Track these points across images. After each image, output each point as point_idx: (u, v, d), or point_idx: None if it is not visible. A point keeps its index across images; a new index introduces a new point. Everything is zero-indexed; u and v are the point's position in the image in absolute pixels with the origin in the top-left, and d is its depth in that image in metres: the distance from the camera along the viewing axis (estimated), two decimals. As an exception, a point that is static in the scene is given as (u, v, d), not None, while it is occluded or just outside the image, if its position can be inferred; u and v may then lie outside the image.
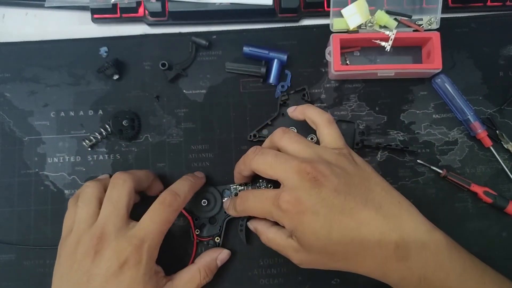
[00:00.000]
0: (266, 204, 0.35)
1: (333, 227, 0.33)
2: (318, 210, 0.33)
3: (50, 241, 0.45)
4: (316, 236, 0.33)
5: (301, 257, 0.35)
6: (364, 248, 0.33)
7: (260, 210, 0.36)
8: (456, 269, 0.33)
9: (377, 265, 0.33)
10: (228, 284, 0.44)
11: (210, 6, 0.46)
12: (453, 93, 0.45)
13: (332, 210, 0.33)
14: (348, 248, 0.33)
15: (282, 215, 0.34)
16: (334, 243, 0.33)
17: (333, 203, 0.33)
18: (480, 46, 0.47)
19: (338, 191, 0.33)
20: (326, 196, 0.33)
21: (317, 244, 0.33)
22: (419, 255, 0.32)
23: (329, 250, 0.33)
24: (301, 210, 0.33)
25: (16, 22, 0.50)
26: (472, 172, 0.45)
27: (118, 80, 0.47)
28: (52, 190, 0.46)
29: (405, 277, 0.33)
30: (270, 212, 0.35)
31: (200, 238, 0.44)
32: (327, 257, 0.34)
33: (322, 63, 0.47)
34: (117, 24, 0.49)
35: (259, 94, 0.47)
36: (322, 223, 0.33)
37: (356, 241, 0.33)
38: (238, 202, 0.39)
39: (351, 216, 0.33)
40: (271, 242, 0.37)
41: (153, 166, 0.46)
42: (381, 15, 0.44)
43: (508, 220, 0.44)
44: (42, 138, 0.46)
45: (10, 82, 0.47)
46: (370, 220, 0.33)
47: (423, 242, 0.33)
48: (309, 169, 0.34)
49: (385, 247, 0.32)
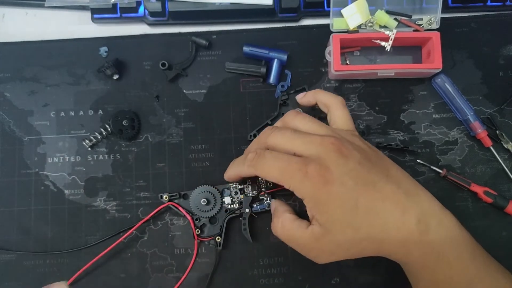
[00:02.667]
0: (289, 167, 0.33)
1: (360, 200, 0.32)
2: (345, 181, 0.32)
3: (50, 241, 0.45)
4: (344, 208, 0.32)
5: (320, 246, 0.34)
6: (389, 222, 0.33)
7: (279, 173, 0.34)
8: (467, 247, 0.34)
9: (400, 241, 0.33)
10: (228, 284, 0.44)
11: (210, 6, 0.46)
12: (453, 93, 0.45)
13: (358, 182, 0.33)
14: (373, 222, 0.33)
15: (306, 183, 0.33)
16: (360, 216, 0.32)
17: (359, 175, 0.33)
18: (480, 46, 0.47)
19: (362, 164, 0.33)
20: (353, 168, 0.33)
21: (344, 217, 0.33)
22: (437, 230, 0.33)
23: (356, 224, 0.33)
24: (329, 180, 0.32)
25: (16, 22, 0.50)
26: (472, 172, 0.45)
27: (118, 80, 0.47)
28: (52, 190, 0.46)
29: (425, 253, 0.33)
30: (291, 177, 0.33)
31: (201, 238, 0.44)
32: (352, 234, 0.33)
33: (322, 63, 0.47)
34: (117, 24, 0.49)
35: (259, 94, 0.47)
36: (350, 195, 0.32)
37: (381, 215, 0.32)
38: (253, 158, 0.36)
39: (376, 189, 0.33)
40: (285, 230, 0.36)
41: (153, 166, 0.46)
42: (381, 15, 0.44)
43: (508, 220, 0.44)
44: (42, 138, 0.46)
45: (10, 82, 0.47)
46: (393, 194, 0.33)
47: (440, 219, 0.34)
48: (333, 141, 0.34)
49: (408, 222, 0.33)
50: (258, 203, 0.44)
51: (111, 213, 0.45)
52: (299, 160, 0.34)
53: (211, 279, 0.44)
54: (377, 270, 0.44)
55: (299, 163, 0.33)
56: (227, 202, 0.44)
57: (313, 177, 0.32)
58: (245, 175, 0.38)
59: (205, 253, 0.45)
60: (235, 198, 0.44)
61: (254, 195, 0.44)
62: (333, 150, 0.33)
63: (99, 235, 0.45)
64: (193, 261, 0.43)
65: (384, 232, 0.33)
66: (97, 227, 0.45)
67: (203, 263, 0.44)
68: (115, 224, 0.45)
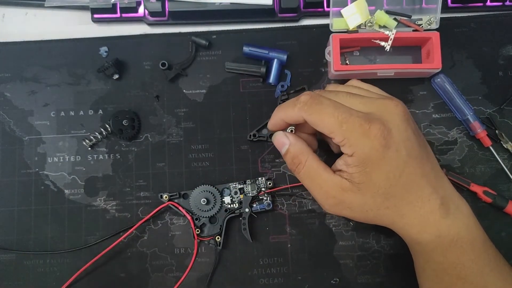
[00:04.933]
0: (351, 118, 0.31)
1: (405, 171, 0.32)
2: (400, 149, 0.32)
3: (50, 241, 0.45)
4: (387, 176, 0.32)
5: (343, 197, 0.33)
6: (417, 198, 0.33)
7: (338, 121, 0.31)
8: (480, 236, 0.35)
9: (421, 217, 0.33)
10: (228, 284, 0.44)
11: (210, 6, 0.46)
12: (452, 93, 0.45)
13: (410, 154, 0.32)
14: (406, 195, 0.33)
15: (364, 141, 0.31)
16: (399, 186, 0.32)
17: (412, 146, 0.33)
18: (480, 46, 0.47)
19: (416, 135, 0.34)
20: (410, 137, 0.33)
21: (384, 184, 0.32)
22: (455, 215, 0.34)
23: (390, 193, 0.32)
24: (388, 144, 0.31)
25: (16, 22, 0.50)
26: (472, 172, 0.45)
27: (118, 80, 0.47)
28: (52, 189, 0.46)
29: (440, 235, 0.33)
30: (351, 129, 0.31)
31: (201, 237, 0.44)
32: (381, 200, 0.33)
33: (322, 63, 0.47)
34: (117, 24, 0.49)
35: (259, 94, 0.47)
36: (400, 164, 0.32)
37: (414, 190, 0.33)
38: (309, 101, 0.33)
39: (420, 164, 0.33)
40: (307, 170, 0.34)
41: (153, 166, 0.46)
42: (381, 15, 0.44)
43: (508, 220, 0.44)
44: (42, 138, 0.46)
45: (10, 82, 0.47)
46: (429, 172, 0.33)
47: (458, 205, 0.34)
48: (398, 103, 0.34)
49: (434, 201, 0.33)
50: (258, 203, 0.44)
51: (111, 213, 0.45)
52: (363, 115, 0.32)
53: (211, 279, 0.44)
54: (377, 270, 0.44)
55: (362, 118, 0.31)
56: (227, 201, 0.44)
57: (375, 137, 0.31)
58: (293, 120, 0.35)
59: (205, 252, 0.45)
60: (235, 198, 0.44)
61: (254, 194, 0.44)
62: (397, 113, 0.33)
63: (99, 235, 0.45)
64: (193, 261, 0.43)
65: (409, 206, 0.33)
66: (97, 227, 0.45)
67: (203, 262, 0.44)
68: (115, 224, 0.45)
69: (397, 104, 0.33)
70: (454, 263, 0.34)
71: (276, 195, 0.45)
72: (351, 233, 0.45)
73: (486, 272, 0.34)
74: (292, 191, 0.45)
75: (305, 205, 0.45)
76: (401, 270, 0.44)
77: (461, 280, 0.33)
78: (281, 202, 0.45)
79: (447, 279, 0.34)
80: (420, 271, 0.37)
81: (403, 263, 0.43)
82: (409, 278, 0.41)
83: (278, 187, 0.45)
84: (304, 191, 0.45)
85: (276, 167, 0.46)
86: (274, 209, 0.45)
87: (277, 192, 0.45)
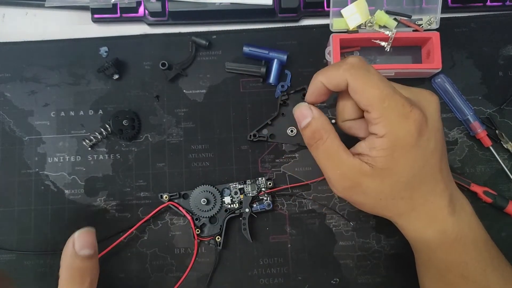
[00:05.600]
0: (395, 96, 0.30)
1: (429, 162, 0.32)
2: (431, 139, 0.32)
3: (50, 241, 0.45)
4: (412, 164, 0.31)
5: (360, 181, 0.32)
6: (433, 191, 0.33)
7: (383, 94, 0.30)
8: (482, 235, 0.35)
9: (430, 211, 0.33)
10: (228, 284, 0.44)
11: (210, 6, 0.46)
12: (452, 93, 0.45)
13: (436, 146, 0.32)
14: (425, 186, 0.33)
15: (403, 122, 0.30)
16: (420, 177, 0.32)
17: (440, 138, 0.33)
18: (480, 46, 0.47)
19: (442, 130, 0.34)
20: (440, 128, 0.33)
21: (407, 173, 0.32)
22: (459, 213, 0.34)
23: (410, 183, 0.32)
24: (423, 131, 0.31)
25: (16, 22, 0.50)
26: (472, 172, 0.45)
27: (118, 80, 0.47)
28: (52, 190, 0.46)
29: (445, 232, 0.33)
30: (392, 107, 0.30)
31: (201, 238, 0.44)
32: (398, 190, 0.32)
33: (322, 63, 0.47)
34: (117, 24, 0.49)
35: (259, 94, 0.47)
36: (427, 154, 0.32)
37: (432, 183, 0.33)
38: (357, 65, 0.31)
39: (441, 158, 0.33)
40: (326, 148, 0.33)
41: (153, 166, 0.46)
42: (381, 15, 0.44)
43: (508, 220, 0.44)
44: (42, 138, 0.46)
45: (10, 82, 0.47)
46: (444, 168, 0.34)
47: (462, 204, 0.35)
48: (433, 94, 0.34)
49: (444, 198, 0.33)
50: (258, 203, 0.44)
51: (111, 213, 0.45)
52: (404, 97, 0.31)
53: (211, 279, 0.44)
54: (377, 270, 0.44)
55: (405, 99, 0.30)
56: (227, 202, 0.44)
57: (414, 121, 0.30)
58: (335, 83, 0.32)
59: (205, 252, 0.45)
60: (235, 198, 0.44)
61: (254, 195, 0.44)
62: (434, 102, 0.33)
63: (99, 235, 0.45)
64: (193, 261, 0.43)
65: (422, 199, 0.33)
66: (97, 227, 0.45)
67: (203, 262, 0.44)
68: (115, 224, 0.45)
69: (432, 94, 0.34)
70: (457, 262, 0.34)
71: (276, 195, 0.45)
72: (351, 233, 0.45)
73: (489, 271, 0.34)
74: (292, 191, 0.45)
75: (305, 205, 0.45)
76: (401, 270, 0.44)
77: (464, 279, 0.33)
78: (281, 202, 0.45)
79: (450, 277, 0.34)
80: (422, 270, 0.37)
81: (403, 263, 0.43)
82: (409, 278, 0.41)
83: (278, 187, 0.45)
84: (304, 191, 0.45)
85: (276, 167, 0.46)
86: (274, 209, 0.45)
87: (277, 192, 0.45)
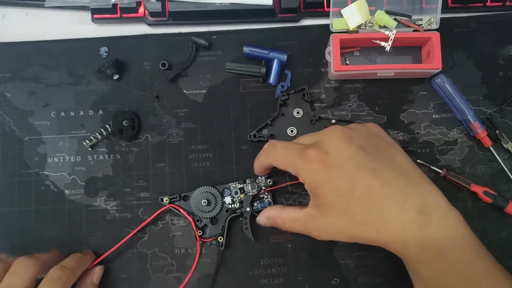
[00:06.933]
0: (292, 153, 0.36)
1: (356, 185, 0.32)
2: (344, 166, 0.33)
3: (50, 241, 0.45)
4: (338, 193, 0.33)
5: (319, 225, 0.35)
6: (386, 210, 0.32)
7: (284, 159, 0.37)
8: (471, 247, 0.33)
9: (398, 231, 0.32)
10: (229, 284, 0.44)
11: (210, 6, 0.46)
12: (452, 93, 0.45)
13: (358, 168, 0.33)
14: (369, 208, 0.32)
15: (306, 167, 0.34)
16: (355, 201, 0.32)
17: (359, 160, 0.33)
18: (480, 46, 0.47)
19: (364, 149, 0.34)
20: (354, 153, 0.33)
21: (338, 201, 0.33)
22: (439, 225, 0.32)
23: (350, 209, 0.33)
24: (328, 164, 0.33)
25: (16, 22, 0.50)
26: (472, 172, 0.45)
27: (118, 80, 0.47)
28: (52, 190, 0.46)
29: (423, 248, 0.32)
30: (293, 162, 0.35)
31: (203, 239, 0.44)
32: (347, 218, 0.33)
33: (322, 63, 0.47)
34: (117, 24, 0.49)
35: (259, 94, 0.47)
36: (347, 180, 0.33)
37: (378, 202, 0.32)
38: (267, 148, 0.39)
39: (375, 175, 0.33)
40: (287, 221, 0.37)
41: (153, 166, 0.46)
42: (381, 15, 0.44)
43: (508, 220, 0.44)
44: (42, 138, 0.46)
45: (10, 82, 0.47)
46: (393, 181, 0.33)
47: (444, 214, 0.33)
48: (337, 127, 0.36)
49: (408, 211, 0.32)
50: (258, 202, 0.44)
51: (111, 213, 0.45)
52: (301, 146, 0.36)
53: (214, 280, 0.44)
54: (377, 270, 0.44)
55: (300, 149, 0.35)
56: (227, 202, 0.44)
57: (312, 161, 0.34)
58: (265, 165, 0.40)
59: (206, 253, 0.45)
60: (236, 198, 0.44)
61: (254, 193, 0.44)
62: (335, 135, 0.35)
63: (99, 235, 0.45)
64: (195, 263, 0.43)
65: (380, 219, 0.32)
66: (98, 227, 0.45)
67: (204, 263, 0.44)
68: (115, 224, 0.45)
69: (333, 128, 0.36)
70: (442, 277, 0.33)
71: (276, 192, 0.45)
72: (351, 233, 0.45)
73: (474, 283, 0.32)
74: (293, 190, 0.45)
75: (306, 204, 0.45)
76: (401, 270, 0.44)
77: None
78: (281, 201, 0.45)
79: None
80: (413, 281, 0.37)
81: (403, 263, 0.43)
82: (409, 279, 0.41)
83: (278, 185, 0.45)
84: (304, 191, 0.45)
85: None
86: (274, 209, 0.45)
87: (277, 190, 0.45)
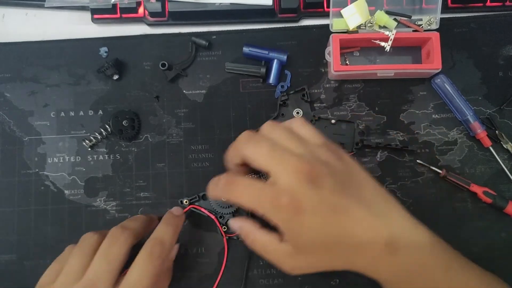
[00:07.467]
0: (262, 197, 0.33)
1: (330, 227, 0.33)
2: (316, 211, 0.33)
3: (50, 241, 0.45)
4: (314, 236, 0.33)
5: (294, 263, 0.35)
6: (358, 245, 0.33)
7: (251, 202, 0.34)
8: (441, 265, 0.34)
9: (370, 261, 0.34)
10: (229, 284, 0.44)
11: (210, 6, 0.46)
12: (452, 93, 0.45)
13: (330, 210, 0.33)
14: (343, 246, 0.33)
15: (278, 213, 0.33)
16: (331, 241, 0.33)
17: (330, 203, 0.33)
18: (480, 46, 0.47)
19: (335, 191, 0.33)
20: (325, 197, 0.33)
21: (315, 244, 0.33)
22: (406, 250, 0.33)
23: (326, 248, 0.34)
24: (301, 211, 0.33)
25: (16, 22, 0.50)
26: (472, 172, 0.45)
27: (118, 80, 0.47)
28: (52, 190, 0.46)
29: (395, 273, 0.34)
30: (263, 206, 0.33)
31: (229, 234, 0.44)
32: (324, 257, 0.34)
33: (322, 63, 0.47)
34: (117, 24, 0.49)
35: (259, 94, 0.47)
36: (320, 223, 0.33)
37: (350, 239, 0.33)
38: (225, 185, 0.35)
39: (347, 215, 0.33)
40: (258, 245, 0.36)
41: (153, 166, 0.46)
42: (381, 15, 0.44)
43: (508, 220, 0.44)
44: (42, 138, 0.46)
45: (10, 82, 0.47)
46: (363, 219, 0.33)
47: (409, 239, 0.34)
48: (308, 169, 0.33)
49: (377, 244, 0.33)
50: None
51: (111, 213, 0.45)
52: (271, 191, 0.33)
53: (246, 276, 0.44)
54: (376, 270, 0.44)
55: (271, 194, 0.33)
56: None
57: (285, 208, 0.32)
58: (223, 198, 0.37)
59: (205, 253, 0.45)
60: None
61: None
62: (305, 180, 0.33)
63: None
64: (225, 260, 0.44)
65: (355, 253, 0.34)
66: (97, 227, 0.45)
67: (204, 263, 0.44)
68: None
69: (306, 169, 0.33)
70: None
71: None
72: (351, 233, 0.45)
73: None
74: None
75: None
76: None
77: None
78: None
79: None
80: None
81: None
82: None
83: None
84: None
85: (276, 168, 0.46)
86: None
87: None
